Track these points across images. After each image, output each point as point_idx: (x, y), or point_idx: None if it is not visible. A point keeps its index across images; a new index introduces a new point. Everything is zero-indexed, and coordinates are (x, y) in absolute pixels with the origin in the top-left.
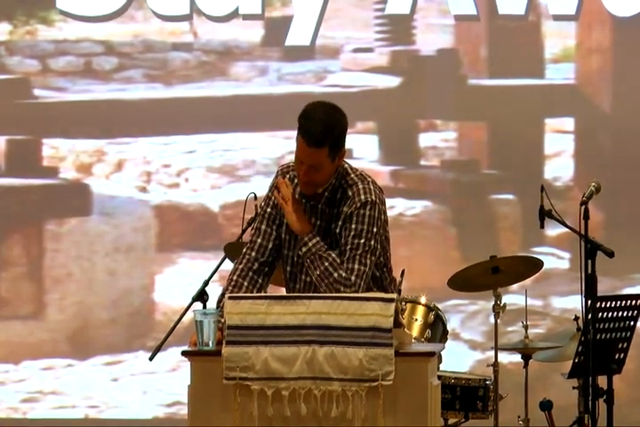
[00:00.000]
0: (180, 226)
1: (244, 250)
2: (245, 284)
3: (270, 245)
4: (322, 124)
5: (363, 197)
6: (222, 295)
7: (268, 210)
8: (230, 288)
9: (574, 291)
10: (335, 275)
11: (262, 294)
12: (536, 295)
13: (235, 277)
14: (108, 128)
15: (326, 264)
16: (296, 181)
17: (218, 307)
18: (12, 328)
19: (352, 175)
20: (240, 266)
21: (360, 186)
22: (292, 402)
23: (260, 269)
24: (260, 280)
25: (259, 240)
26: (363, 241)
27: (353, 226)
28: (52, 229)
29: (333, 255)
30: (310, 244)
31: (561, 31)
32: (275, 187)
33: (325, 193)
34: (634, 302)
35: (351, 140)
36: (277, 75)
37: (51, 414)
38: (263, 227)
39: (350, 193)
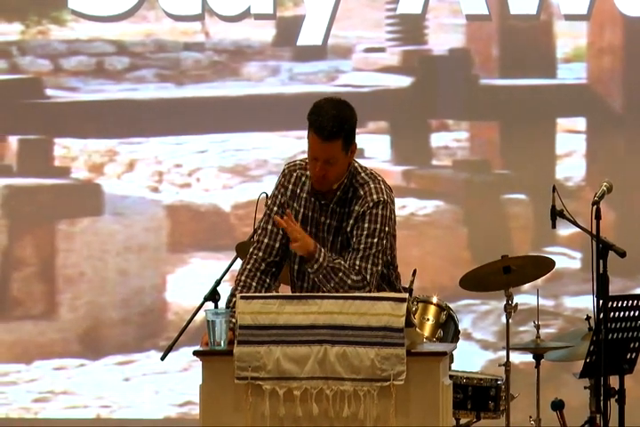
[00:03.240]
0: (191, 226)
1: (251, 250)
2: (254, 284)
3: (277, 245)
4: (333, 118)
5: (375, 196)
6: (231, 296)
7: (275, 209)
8: (239, 289)
9: (586, 291)
10: (349, 282)
11: (274, 293)
12: (548, 295)
13: (243, 278)
14: (119, 128)
15: (340, 274)
16: (304, 179)
17: (227, 308)
18: (24, 328)
19: (362, 174)
20: (248, 266)
21: (372, 185)
22: (303, 402)
23: (267, 269)
24: (267, 280)
25: (265, 240)
26: (376, 240)
27: (366, 225)
28: (63, 229)
29: (342, 263)
30: (321, 259)
31: (572, 31)
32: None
33: (337, 192)
34: None
35: (363, 140)
36: (289, 74)
37: (62, 414)
38: (269, 226)
39: (362, 192)
